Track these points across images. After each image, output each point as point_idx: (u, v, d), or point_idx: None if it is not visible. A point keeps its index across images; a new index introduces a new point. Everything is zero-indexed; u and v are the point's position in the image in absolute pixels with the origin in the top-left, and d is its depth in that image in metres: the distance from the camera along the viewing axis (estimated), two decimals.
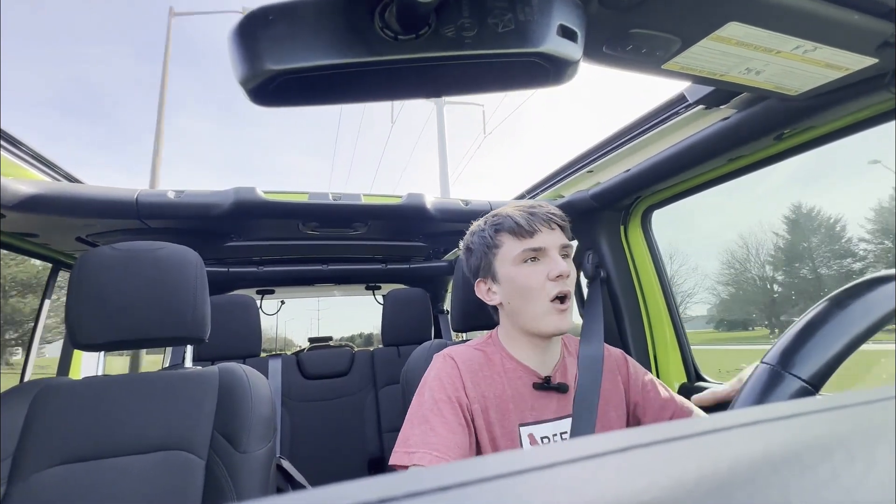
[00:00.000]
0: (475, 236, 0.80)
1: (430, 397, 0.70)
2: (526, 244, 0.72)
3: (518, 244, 0.73)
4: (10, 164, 0.90)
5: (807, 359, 0.37)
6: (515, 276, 0.73)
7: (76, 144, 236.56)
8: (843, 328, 0.37)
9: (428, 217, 1.28)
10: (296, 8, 0.32)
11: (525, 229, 0.72)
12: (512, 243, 0.74)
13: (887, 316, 0.36)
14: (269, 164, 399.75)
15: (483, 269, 0.78)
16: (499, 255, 0.75)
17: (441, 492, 0.11)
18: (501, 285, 0.75)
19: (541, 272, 0.71)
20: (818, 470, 0.13)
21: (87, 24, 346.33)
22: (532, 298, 0.72)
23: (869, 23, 0.50)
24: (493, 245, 0.76)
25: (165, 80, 7.51)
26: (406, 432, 0.68)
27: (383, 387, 1.90)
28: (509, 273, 0.74)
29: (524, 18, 0.35)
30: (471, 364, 0.74)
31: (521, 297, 0.73)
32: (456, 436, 0.65)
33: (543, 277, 0.71)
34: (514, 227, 0.73)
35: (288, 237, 1.45)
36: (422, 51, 0.34)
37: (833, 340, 0.37)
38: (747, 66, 0.56)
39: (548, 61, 0.36)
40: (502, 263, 0.75)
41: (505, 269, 0.74)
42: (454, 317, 1.06)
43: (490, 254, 0.76)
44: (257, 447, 0.83)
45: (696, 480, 0.12)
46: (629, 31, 0.47)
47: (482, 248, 0.77)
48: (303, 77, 0.33)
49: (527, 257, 0.73)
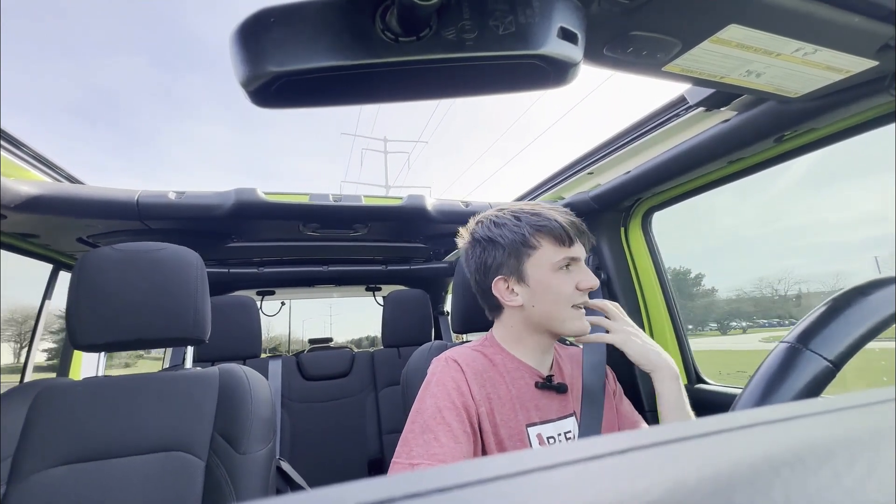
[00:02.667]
0: (504, 229, 0.74)
1: (434, 405, 0.68)
2: (567, 252, 0.72)
3: (559, 251, 0.72)
4: (11, 165, 0.90)
5: (830, 338, 0.36)
6: (551, 282, 0.71)
7: (93, 149, 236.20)
8: (867, 313, 0.37)
9: (428, 218, 1.28)
10: (297, 10, 0.33)
11: (569, 237, 0.72)
12: (553, 248, 0.72)
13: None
14: (283, 167, 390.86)
15: (508, 266, 0.73)
16: (534, 257, 0.72)
17: (441, 493, 0.11)
18: (530, 288, 0.72)
19: (572, 281, 0.72)
20: (819, 472, 0.13)
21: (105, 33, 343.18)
22: (559, 305, 0.72)
23: (869, 25, 0.50)
24: (529, 245, 0.72)
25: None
26: (408, 441, 0.66)
27: (383, 388, 1.90)
28: (544, 278, 0.71)
29: (525, 21, 0.35)
30: (474, 366, 0.73)
31: (551, 302, 0.72)
32: (460, 445, 0.64)
33: (573, 286, 0.71)
34: (559, 233, 0.72)
35: (288, 238, 1.46)
36: (423, 53, 0.34)
37: (856, 323, 0.36)
38: (748, 69, 0.56)
39: (548, 63, 0.36)
40: (537, 266, 0.72)
41: (540, 272, 0.72)
42: (454, 318, 1.06)
43: (523, 253, 0.72)
44: (257, 448, 0.83)
45: (698, 482, 0.12)
46: (630, 34, 0.48)
47: (514, 245, 0.73)
48: (304, 79, 0.33)
49: (563, 265, 0.72)
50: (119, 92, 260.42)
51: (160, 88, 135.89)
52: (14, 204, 0.90)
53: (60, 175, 1.04)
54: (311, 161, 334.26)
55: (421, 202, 1.24)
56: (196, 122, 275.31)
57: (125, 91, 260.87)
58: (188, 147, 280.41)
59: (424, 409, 0.68)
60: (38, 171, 0.97)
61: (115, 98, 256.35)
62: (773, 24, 0.48)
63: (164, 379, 0.88)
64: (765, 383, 0.37)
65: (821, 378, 0.35)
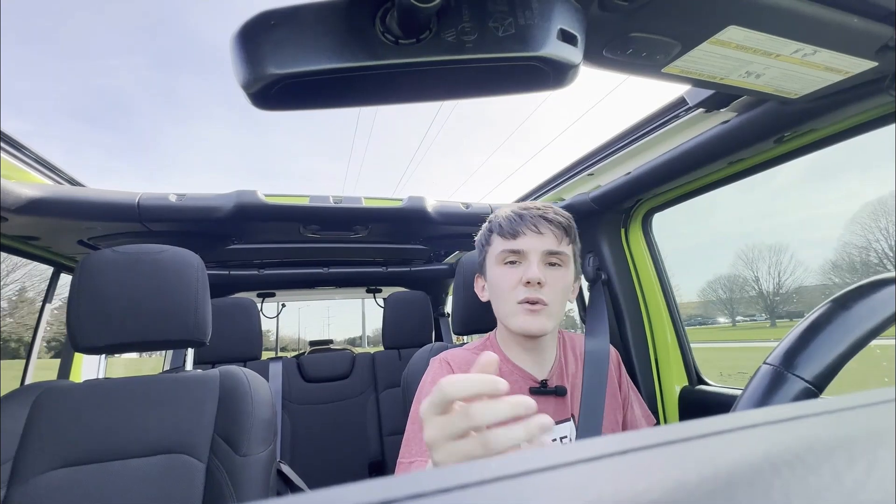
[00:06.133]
0: (480, 233, 0.83)
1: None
2: (506, 245, 0.74)
3: (501, 244, 0.75)
4: (12, 168, 0.90)
5: (810, 359, 0.36)
6: (493, 275, 0.76)
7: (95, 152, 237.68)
8: (847, 329, 0.36)
9: (428, 220, 1.28)
10: (297, 13, 0.33)
11: (506, 231, 0.74)
12: (497, 243, 0.76)
13: (891, 318, 0.36)
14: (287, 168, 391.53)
15: (479, 265, 0.82)
16: (489, 253, 0.78)
17: (442, 494, 0.11)
18: (489, 283, 0.78)
19: (517, 275, 0.72)
20: (819, 472, 0.13)
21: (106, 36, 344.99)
22: (503, 299, 0.73)
23: (868, 26, 0.50)
24: (486, 243, 0.79)
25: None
26: (409, 441, 0.67)
27: (384, 390, 1.90)
28: (492, 272, 0.76)
29: (524, 22, 0.35)
30: (467, 367, 0.73)
31: (496, 296, 0.76)
32: None
33: (517, 280, 0.71)
34: (499, 228, 0.76)
35: (289, 240, 1.46)
36: (423, 55, 0.34)
37: (837, 341, 0.36)
38: (747, 70, 0.56)
39: (548, 65, 0.36)
40: (490, 262, 0.78)
41: (490, 267, 0.77)
42: (455, 320, 1.06)
43: (484, 251, 0.80)
44: (258, 450, 0.83)
45: (698, 483, 0.12)
46: (629, 35, 0.48)
47: (480, 245, 0.82)
48: (304, 81, 0.34)
49: (506, 259, 0.74)
50: (121, 93, 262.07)
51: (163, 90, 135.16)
52: (15, 206, 0.90)
53: (62, 178, 1.04)
54: (314, 160, 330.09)
55: (421, 204, 1.24)
56: (199, 123, 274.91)
57: (127, 93, 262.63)
58: (191, 149, 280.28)
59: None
60: (40, 174, 0.98)
61: (118, 100, 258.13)
62: (772, 26, 0.48)
63: (164, 381, 0.88)
64: (749, 409, 0.37)
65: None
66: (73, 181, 1.07)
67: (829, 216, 54.43)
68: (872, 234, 19.53)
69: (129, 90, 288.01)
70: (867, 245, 20.33)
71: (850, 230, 24.22)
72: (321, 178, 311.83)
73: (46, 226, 1.07)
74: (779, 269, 29.84)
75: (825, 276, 26.66)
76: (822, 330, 0.37)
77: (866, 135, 0.78)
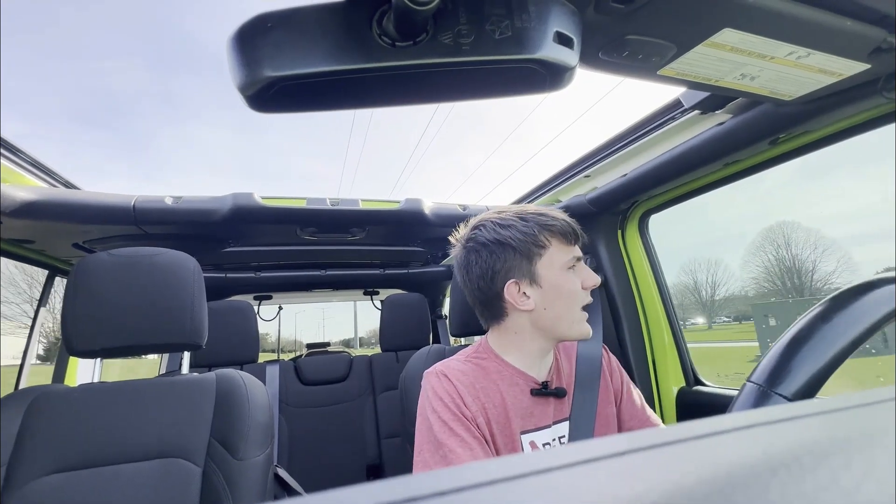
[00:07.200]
0: (513, 230, 0.71)
1: (438, 419, 0.67)
2: (573, 251, 0.72)
3: (567, 250, 0.72)
4: (7, 171, 0.90)
5: (793, 376, 0.36)
6: (563, 282, 0.70)
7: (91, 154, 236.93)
8: (829, 342, 0.36)
9: (425, 222, 1.28)
10: (294, 15, 0.33)
11: (574, 236, 0.73)
12: (561, 248, 0.72)
13: (873, 326, 0.36)
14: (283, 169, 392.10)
15: (519, 269, 0.70)
16: (545, 257, 0.70)
17: (439, 496, 0.11)
18: (543, 289, 0.70)
19: (579, 280, 0.72)
20: (817, 473, 0.13)
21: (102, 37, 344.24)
22: (571, 305, 0.71)
23: (861, 29, 0.50)
24: (539, 244, 0.70)
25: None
26: (427, 462, 0.65)
27: (382, 392, 1.90)
28: (556, 278, 0.70)
29: (521, 25, 0.35)
30: (465, 378, 0.71)
31: (561, 303, 0.70)
32: (475, 451, 0.64)
33: (580, 285, 0.71)
34: (567, 232, 0.72)
35: (286, 243, 1.45)
36: (419, 57, 0.34)
37: (818, 356, 0.36)
38: (742, 72, 0.57)
39: (545, 67, 0.36)
40: (548, 267, 0.70)
41: (551, 273, 0.70)
42: (452, 322, 1.06)
43: (534, 254, 0.70)
44: (255, 454, 0.83)
45: (695, 484, 0.12)
46: (625, 38, 0.48)
47: (525, 245, 0.70)
48: (301, 83, 0.34)
49: (572, 264, 0.72)
50: (118, 95, 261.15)
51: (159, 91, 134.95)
52: (10, 209, 0.90)
53: (57, 180, 1.04)
54: (310, 162, 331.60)
55: (418, 206, 1.24)
56: (195, 125, 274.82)
57: (123, 94, 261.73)
58: (187, 150, 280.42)
59: (431, 425, 0.67)
60: (35, 177, 0.97)
61: (113, 101, 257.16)
62: (767, 28, 0.49)
63: (160, 385, 0.87)
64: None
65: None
66: (68, 184, 1.07)
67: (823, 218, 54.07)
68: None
69: (125, 91, 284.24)
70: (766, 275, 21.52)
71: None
72: (318, 179, 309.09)
73: (41, 229, 1.06)
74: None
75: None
76: (804, 345, 0.37)
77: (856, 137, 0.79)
